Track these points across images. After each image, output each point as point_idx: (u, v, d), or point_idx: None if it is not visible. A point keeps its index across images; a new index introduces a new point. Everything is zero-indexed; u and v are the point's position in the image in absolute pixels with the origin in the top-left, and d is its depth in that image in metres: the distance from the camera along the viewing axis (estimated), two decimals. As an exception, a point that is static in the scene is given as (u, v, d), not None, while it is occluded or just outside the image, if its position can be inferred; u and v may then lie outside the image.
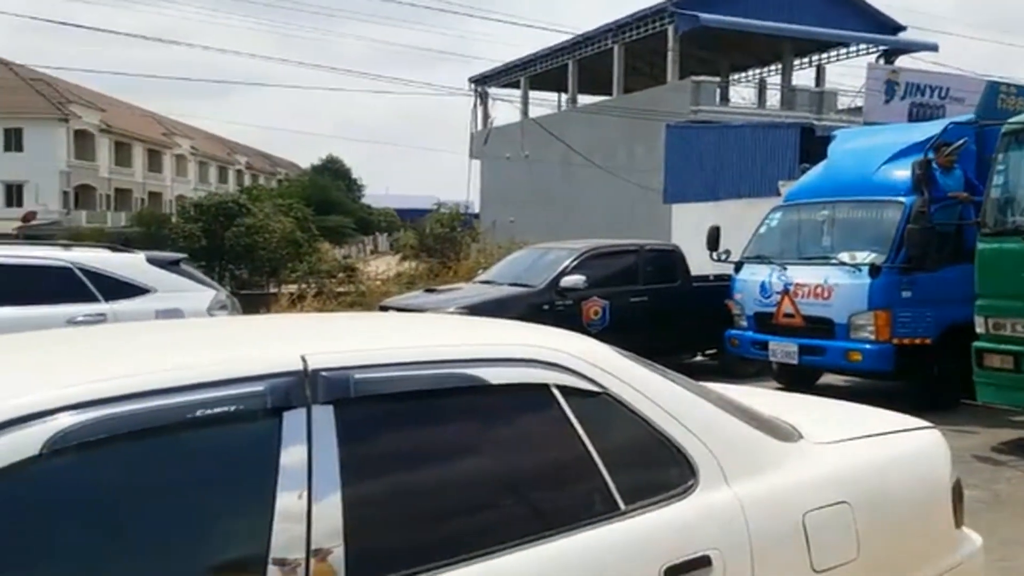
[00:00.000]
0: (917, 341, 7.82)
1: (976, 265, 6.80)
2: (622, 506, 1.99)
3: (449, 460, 1.94)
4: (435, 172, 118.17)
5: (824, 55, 30.94)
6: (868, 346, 7.87)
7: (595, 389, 2.08)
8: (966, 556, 2.58)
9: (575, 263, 9.75)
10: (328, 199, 42.16)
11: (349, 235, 41.18)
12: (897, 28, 28.66)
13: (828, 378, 9.47)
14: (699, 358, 10.60)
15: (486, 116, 35.29)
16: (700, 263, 10.48)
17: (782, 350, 8.60)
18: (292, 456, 1.67)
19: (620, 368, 2.19)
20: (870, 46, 28.39)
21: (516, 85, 35.98)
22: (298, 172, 60.75)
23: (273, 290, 19.97)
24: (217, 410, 1.66)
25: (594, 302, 9.64)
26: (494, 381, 1.98)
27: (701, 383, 2.50)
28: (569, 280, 9.54)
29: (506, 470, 2.00)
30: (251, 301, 15.03)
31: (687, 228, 16.20)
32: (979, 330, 6.74)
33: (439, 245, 22.68)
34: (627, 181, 24.39)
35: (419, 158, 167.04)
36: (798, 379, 9.09)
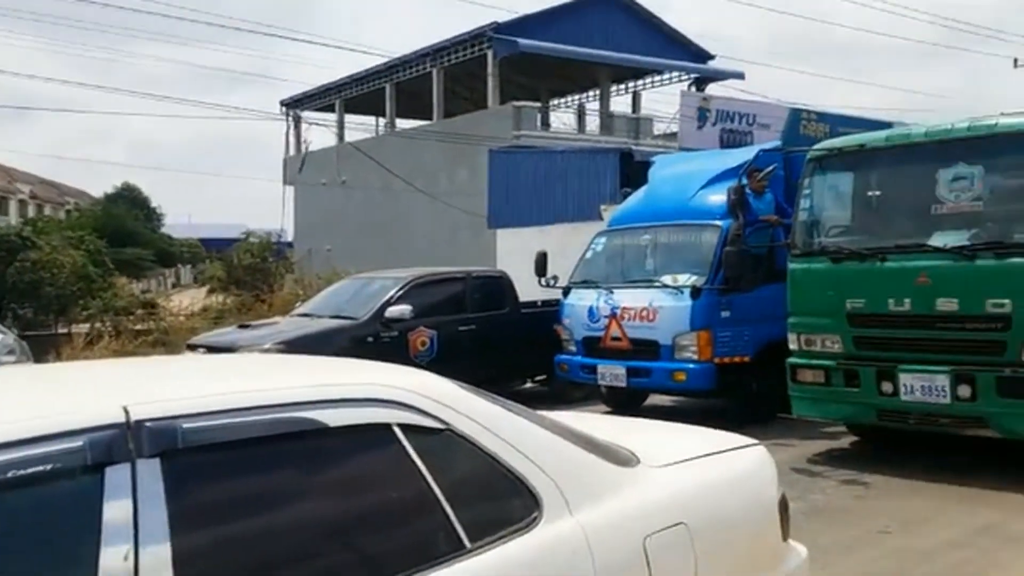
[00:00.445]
0: (737, 359, 8.08)
1: (787, 285, 7.09)
2: (467, 544, 1.96)
3: (287, 508, 1.87)
4: (243, 200, 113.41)
5: (640, 82, 32.29)
6: (692, 366, 8.05)
7: (437, 426, 2.06)
8: (793, 568, 2.68)
9: (400, 293, 9.46)
10: (124, 230, 39.77)
11: (148, 268, 38.94)
12: (707, 56, 30.41)
13: (653, 399, 9.64)
14: (529, 385, 10.56)
15: (299, 141, 34.31)
16: (527, 289, 10.45)
17: (611, 373, 8.66)
18: (115, 514, 1.59)
19: (461, 402, 2.17)
20: (682, 73, 29.93)
21: (331, 109, 35.18)
22: (90, 201, 56.52)
23: (63, 330, 18.24)
24: (29, 471, 1.54)
25: (421, 332, 9.37)
26: (333, 423, 1.91)
27: (538, 412, 2.47)
28: (394, 311, 9.23)
29: (348, 515, 1.95)
30: (39, 343, 13.69)
31: (512, 253, 16.26)
32: (792, 346, 7.02)
33: (250, 277, 21.67)
34: (450, 206, 24.33)
35: (225, 185, 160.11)
36: (626, 401, 9.20)
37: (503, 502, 2.10)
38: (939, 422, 6.27)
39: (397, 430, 1.99)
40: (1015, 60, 26.24)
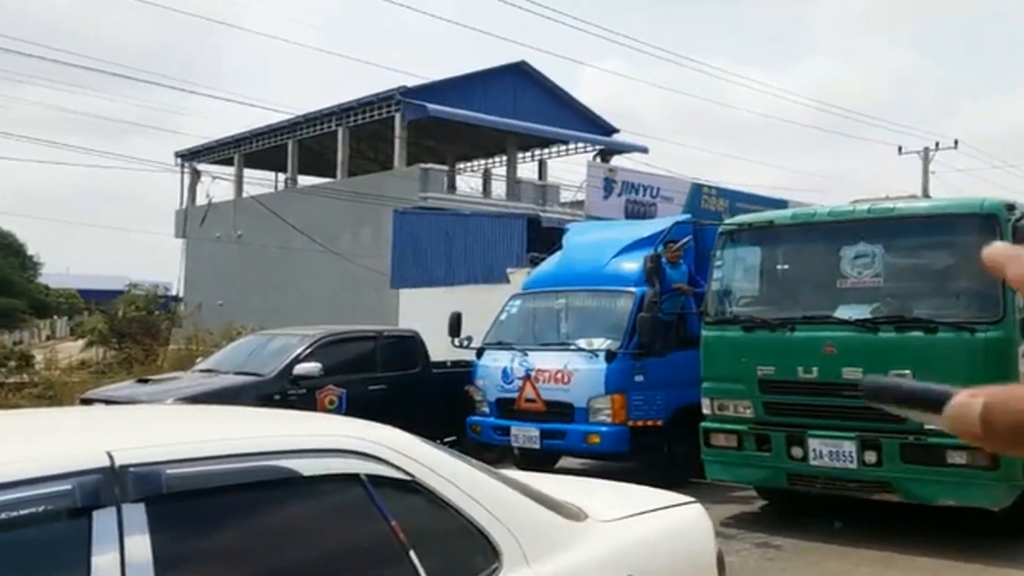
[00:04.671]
0: (650, 423, 8.23)
1: (701, 351, 7.32)
2: None
3: (265, 554, 1.94)
4: (126, 252, 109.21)
5: (546, 150, 33.05)
6: (605, 428, 8.15)
7: (403, 477, 2.12)
8: None
9: (308, 350, 9.25)
10: (-4, 277, 37.55)
11: (21, 319, 36.81)
12: (612, 130, 31.44)
13: (565, 461, 9.67)
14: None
15: (193, 193, 33.40)
16: (433, 348, 10.39)
17: (524, 435, 8.67)
18: (104, 557, 1.62)
19: (425, 455, 2.24)
20: (588, 144, 30.85)
21: (229, 162, 34.50)
22: (-41, 247, 53.31)
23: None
24: (20, 512, 1.57)
25: (330, 391, 9.17)
26: (306, 472, 1.98)
27: (493, 468, 2.57)
28: (303, 368, 9.01)
29: (322, 562, 2.02)
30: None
31: (415, 313, 16.21)
32: (706, 411, 7.21)
33: (134, 330, 20.80)
34: (352, 264, 24.09)
35: (107, 236, 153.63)
36: (538, 463, 9.18)
37: (465, 552, 2.18)
38: (847, 486, 6.54)
39: (365, 480, 2.05)
40: (900, 148, 28.39)
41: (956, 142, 27.81)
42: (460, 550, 2.19)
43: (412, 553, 2.02)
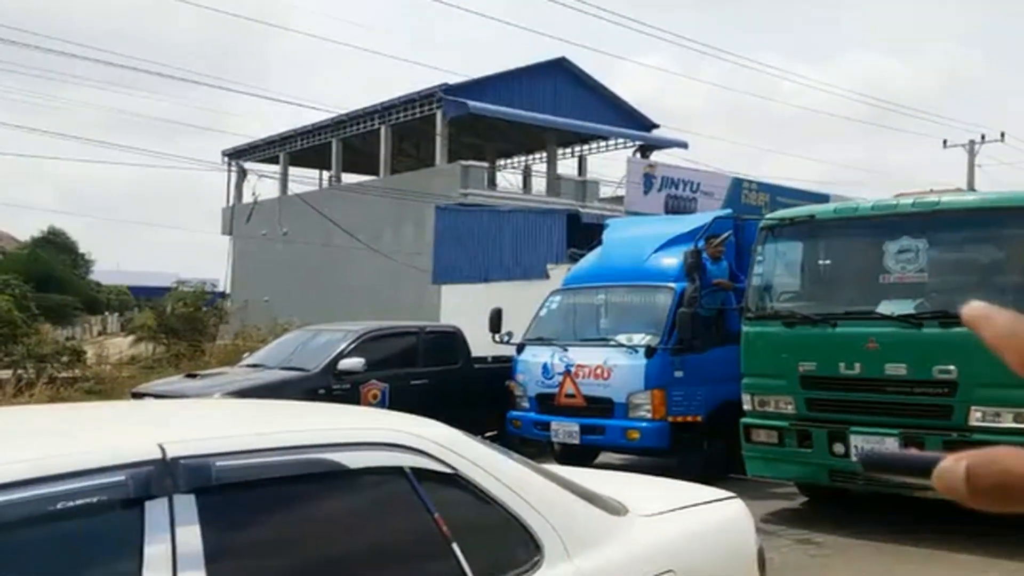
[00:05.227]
0: (690, 419, 8.22)
1: (741, 346, 7.29)
2: None
3: (311, 545, 1.98)
4: (174, 249, 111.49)
5: (586, 146, 32.91)
6: (645, 424, 8.17)
7: (446, 470, 2.15)
8: None
9: (352, 345, 9.39)
10: (50, 275, 38.48)
11: (74, 314, 37.74)
12: (651, 126, 31.24)
13: (604, 457, 9.70)
14: (480, 440, 10.50)
15: (240, 191, 33.94)
16: (474, 344, 10.48)
17: (564, 430, 8.72)
18: (156, 546, 1.67)
19: (468, 449, 2.27)
20: (627, 140, 30.69)
21: (275, 160, 34.94)
22: (16, 245, 54.78)
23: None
24: (78, 502, 1.62)
25: (373, 385, 9.31)
26: (352, 465, 2.02)
27: (534, 462, 2.59)
28: (347, 363, 9.16)
29: (367, 553, 2.07)
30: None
31: (456, 309, 16.31)
32: (746, 407, 7.18)
33: (182, 326, 21.24)
34: (394, 261, 24.30)
35: (156, 234, 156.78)
36: (578, 459, 9.22)
37: (507, 545, 2.21)
38: (889, 483, 6.48)
39: (409, 473, 2.09)
40: (944, 141, 27.84)
41: (1003, 135, 27.22)
42: (502, 543, 2.22)
43: (455, 546, 2.05)
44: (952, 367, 6.05)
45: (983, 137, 27.41)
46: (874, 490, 6.76)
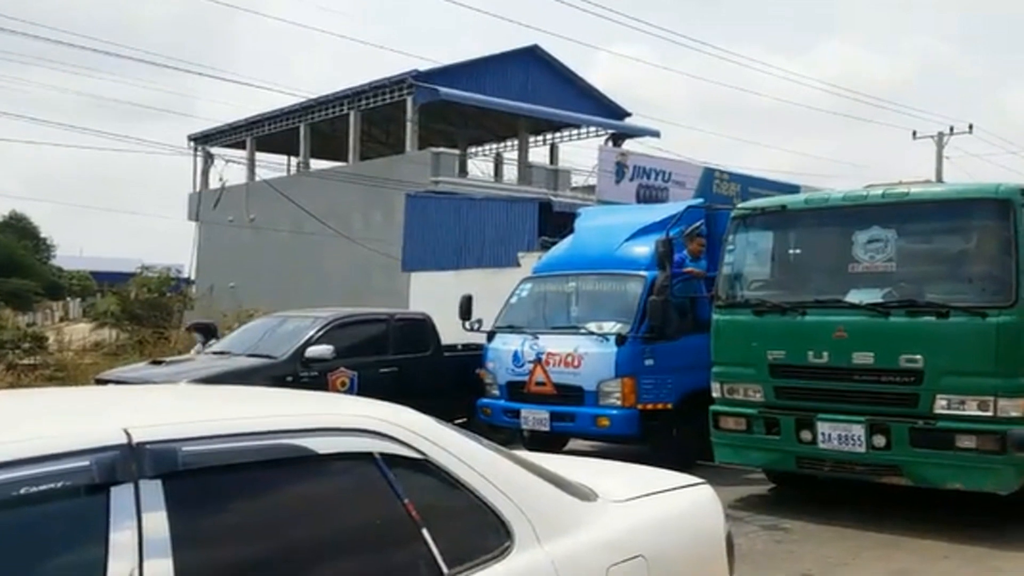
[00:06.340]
0: (659, 406, 8.26)
1: (711, 335, 7.33)
2: (445, 571, 2.05)
3: (279, 531, 1.96)
4: (138, 235, 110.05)
5: (557, 134, 32.86)
6: (615, 412, 8.19)
7: (416, 456, 2.14)
8: None
9: (321, 333, 9.31)
10: (11, 260, 37.82)
11: (35, 300, 37.15)
12: (624, 114, 31.26)
13: (573, 444, 9.72)
14: (449, 427, 10.47)
15: (207, 177, 33.46)
16: (444, 332, 10.43)
17: (534, 417, 8.72)
18: (122, 532, 1.65)
19: (438, 435, 2.26)
20: (599, 129, 30.67)
21: (241, 146, 34.46)
22: (-25, 230, 53.73)
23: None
24: (41, 488, 1.60)
25: (341, 373, 9.24)
26: (321, 451, 2.01)
27: (504, 448, 2.57)
28: (315, 351, 9.08)
29: (336, 540, 2.04)
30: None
31: (426, 296, 16.25)
32: (715, 395, 7.23)
33: (146, 312, 20.96)
34: (363, 247, 24.14)
35: (121, 220, 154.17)
36: (547, 446, 9.22)
37: (477, 531, 2.20)
38: (855, 470, 6.55)
39: (378, 459, 2.08)
40: (914, 132, 28.21)
41: (971, 127, 27.60)
42: (472, 529, 2.21)
43: (425, 531, 2.05)
44: (918, 356, 6.12)
45: (952, 129, 27.80)
46: (840, 476, 6.83)
